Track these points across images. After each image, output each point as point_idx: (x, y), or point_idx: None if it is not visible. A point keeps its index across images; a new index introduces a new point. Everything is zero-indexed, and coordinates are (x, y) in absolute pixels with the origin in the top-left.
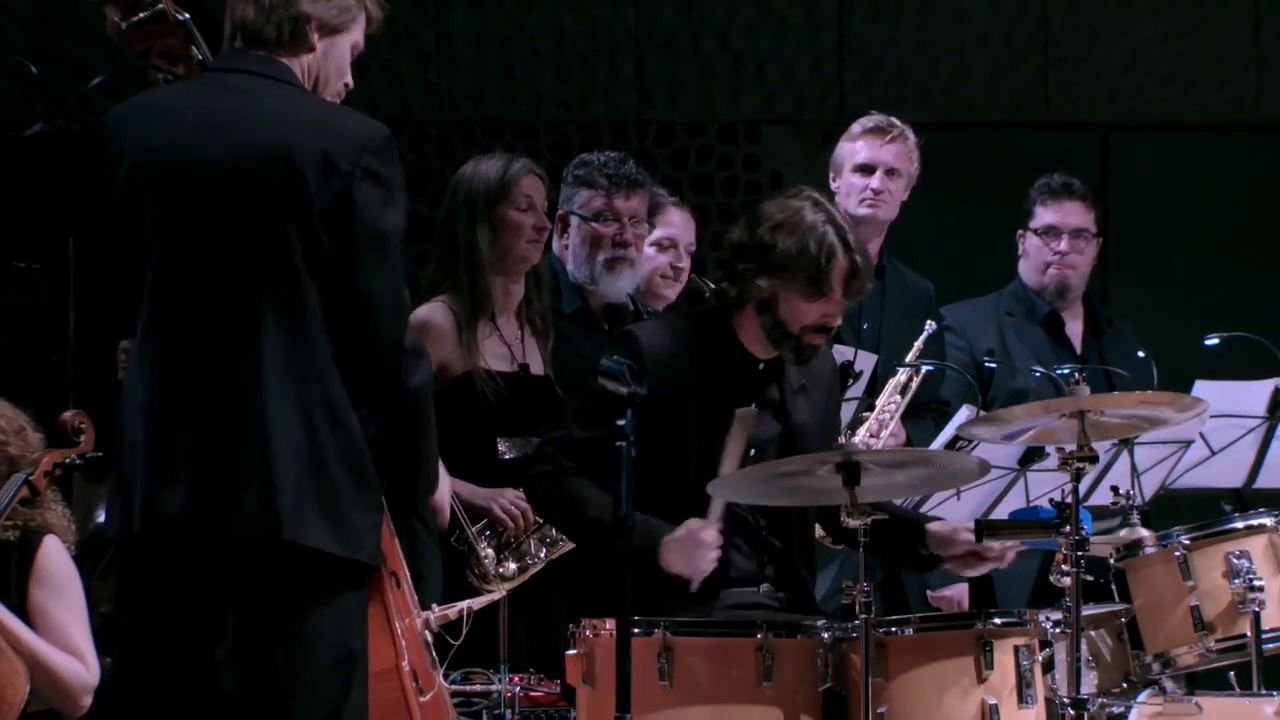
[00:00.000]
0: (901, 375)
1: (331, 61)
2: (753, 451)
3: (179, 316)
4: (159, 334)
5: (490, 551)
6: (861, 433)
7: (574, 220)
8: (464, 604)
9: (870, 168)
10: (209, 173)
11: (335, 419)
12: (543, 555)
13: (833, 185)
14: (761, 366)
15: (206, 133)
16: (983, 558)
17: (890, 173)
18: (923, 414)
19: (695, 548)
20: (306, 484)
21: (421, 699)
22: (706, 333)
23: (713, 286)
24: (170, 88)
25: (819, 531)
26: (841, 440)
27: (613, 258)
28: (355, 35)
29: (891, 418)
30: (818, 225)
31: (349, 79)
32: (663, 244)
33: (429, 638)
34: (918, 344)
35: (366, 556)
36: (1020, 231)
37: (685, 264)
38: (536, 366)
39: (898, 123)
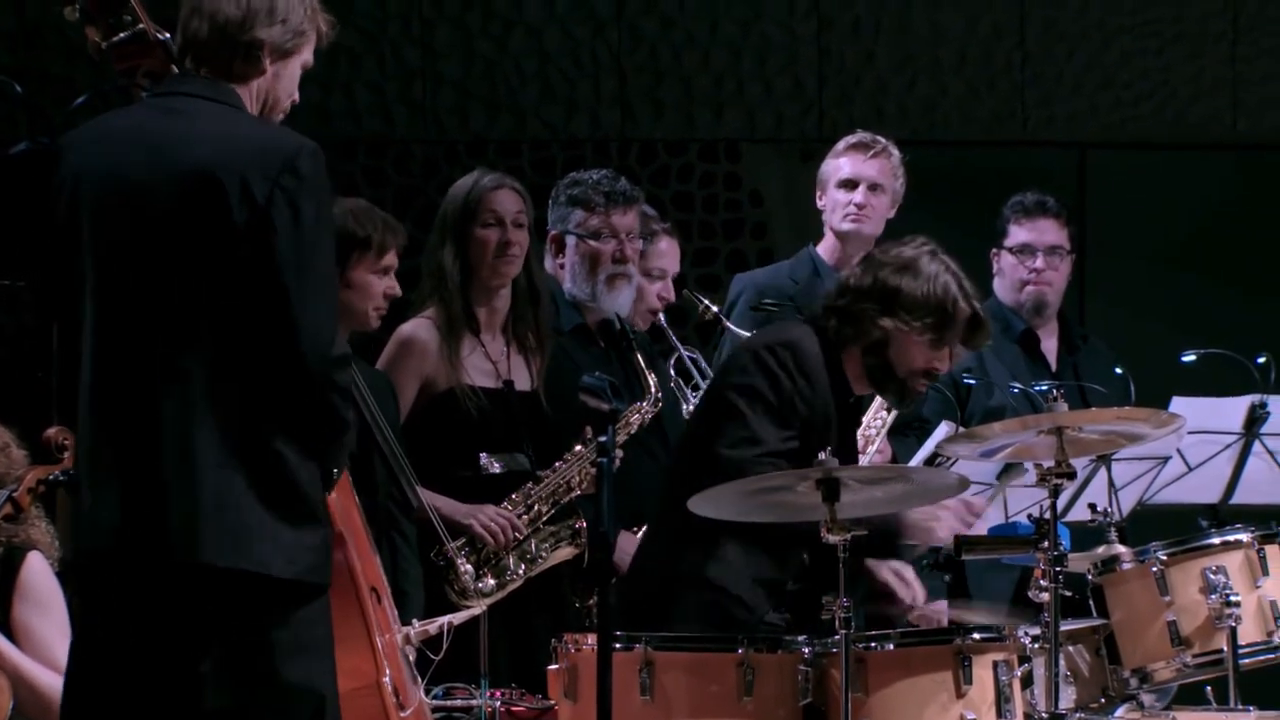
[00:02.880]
0: None
1: (282, 84)
2: None
3: (109, 339)
4: (95, 355)
5: (469, 567)
6: None
7: (570, 239)
8: (444, 619)
9: (854, 183)
10: (137, 194)
11: (260, 438)
12: (522, 572)
13: (819, 202)
14: (852, 400)
15: (139, 154)
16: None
17: (874, 188)
18: (905, 432)
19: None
20: (230, 505)
21: (402, 714)
22: (829, 357)
23: (706, 304)
24: (121, 111)
25: None
26: (823, 457)
27: (613, 274)
28: (306, 55)
29: (878, 434)
30: (940, 273)
31: (296, 96)
32: (654, 274)
33: (410, 653)
34: None
35: (295, 573)
36: (995, 250)
37: (671, 295)
38: (522, 383)
39: (882, 139)
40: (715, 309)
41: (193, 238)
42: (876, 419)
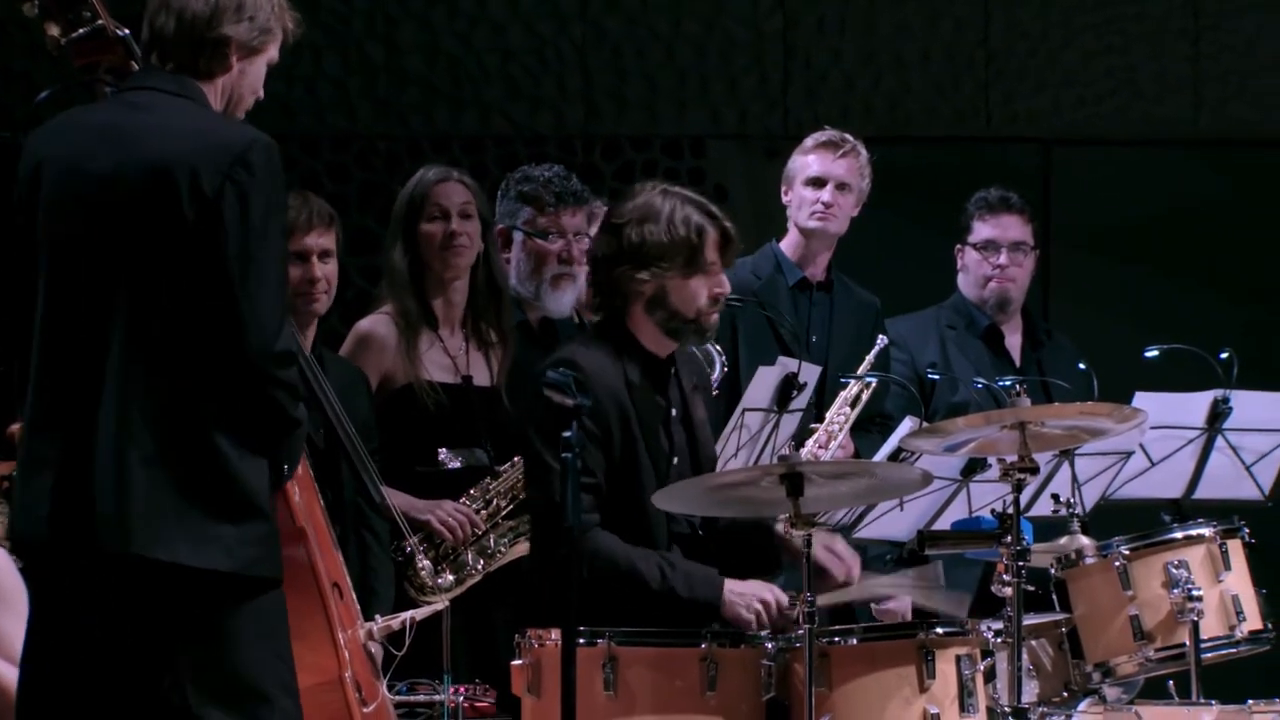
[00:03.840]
0: (852, 388)
1: (247, 80)
2: (675, 460)
3: (56, 330)
4: (42, 344)
5: (428, 563)
6: (810, 444)
7: (517, 236)
8: (407, 615)
9: (821, 181)
10: (91, 186)
11: (200, 433)
12: (480, 567)
13: (785, 199)
14: (672, 370)
15: (97, 147)
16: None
17: (841, 187)
18: (868, 427)
19: (770, 613)
20: (163, 497)
21: (365, 709)
22: (616, 343)
23: None
24: (89, 106)
25: None
26: (786, 451)
27: (558, 274)
28: (272, 53)
29: (840, 430)
30: (677, 207)
31: (261, 93)
32: None
33: (374, 649)
34: (869, 358)
35: (233, 566)
36: (959, 246)
37: None
38: (481, 378)
39: (850, 138)
40: None
41: (143, 231)
42: (840, 414)
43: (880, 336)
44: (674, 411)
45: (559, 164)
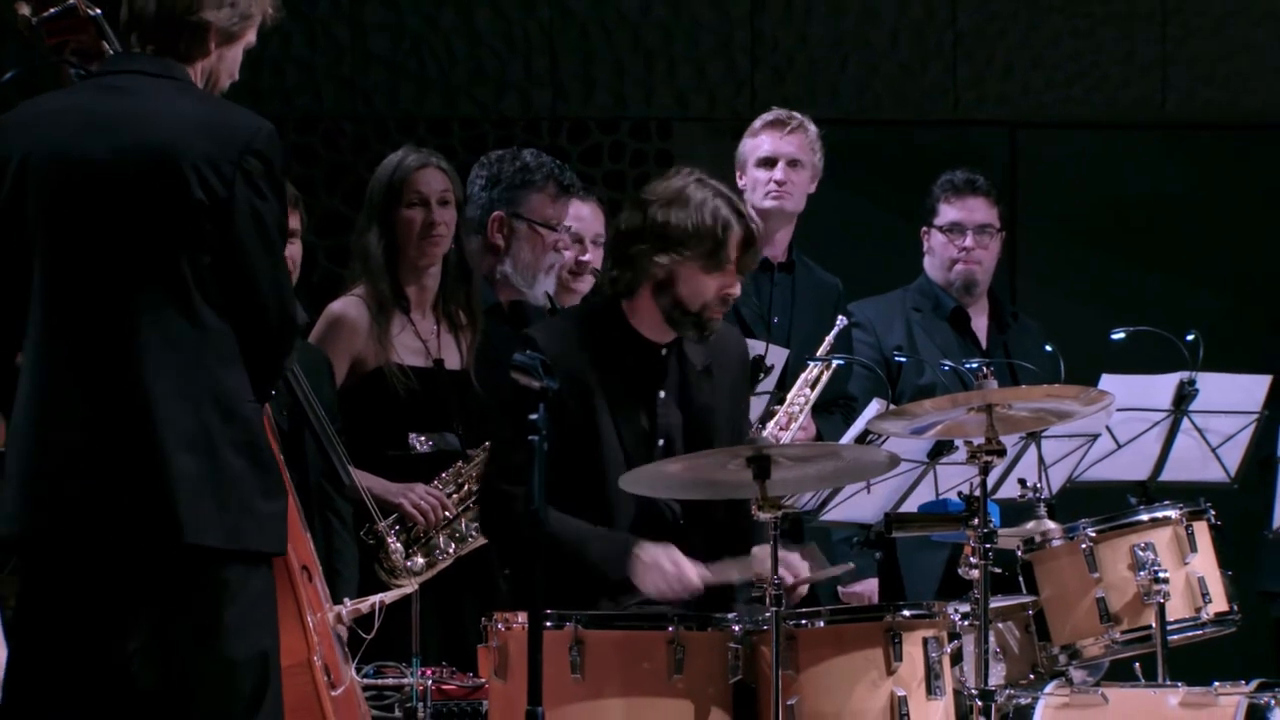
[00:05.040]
0: (812, 370)
1: (225, 65)
2: (661, 441)
3: (65, 318)
4: (47, 338)
5: (399, 546)
6: (770, 426)
7: (520, 224)
8: (376, 598)
9: (772, 160)
10: (91, 173)
11: (229, 409)
12: (452, 551)
13: (740, 182)
14: (664, 352)
15: (90, 134)
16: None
17: (793, 164)
18: (831, 409)
19: (672, 583)
20: (203, 479)
21: (333, 693)
22: (602, 325)
23: None
24: (58, 93)
25: None
26: (751, 434)
27: (552, 263)
28: (250, 38)
29: (801, 411)
30: (708, 199)
31: (236, 76)
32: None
33: (342, 632)
34: (829, 339)
35: (273, 546)
36: (925, 229)
37: (590, 257)
38: (452, 361)
39: (798, 115)
40: None
41: (153, 217)
42: (800, 395)
43: (840, 317)
44: (663, 394)
45: (527, 147)
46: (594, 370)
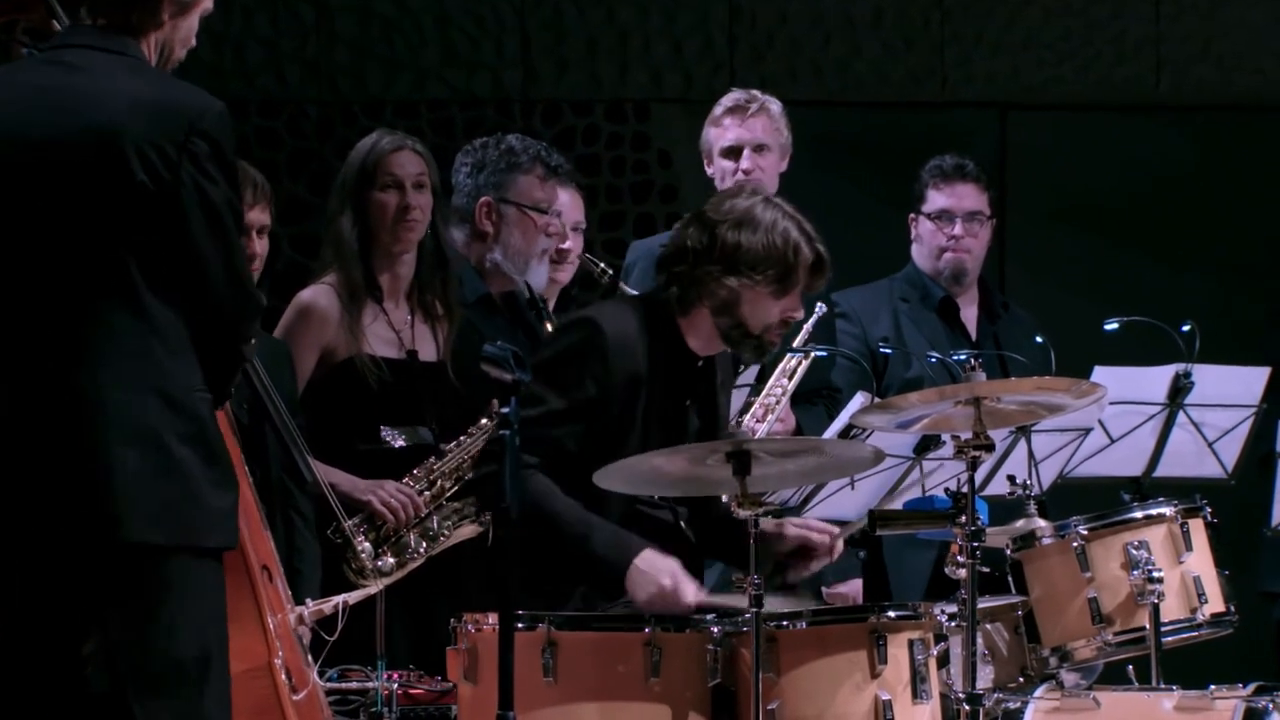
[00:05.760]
0: (790, 360)
1: (179, 35)
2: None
3: (5, 306)
4: None
5: (368, 545)
6: (746, 419)
7: (510, 210)
8: (339, 598)
9: (737, 149)
10: (31, 154)
11: (175, 400)
12: (423, 550)
13: (708, 171)
14: (699, 364)
15: (33, 113)
16: (810, 551)
17: (759, 149)
18: (814, 400)
19: (666, 599)
20: (147, 473)
21: (295, 697)
22: (654, 325)
23: (603, 267)
24: (6, 68)
25: None
26: (730, 428)
27: (546, 249)
28: (207, 3)
29: (778, 402)
30: (778, 220)
31: (192, 42)
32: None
33: (304, 634)
34: (807, 327)
35: (222, 540)
36: (912, 216)
37: (570, 245)
38: (426, 353)
39: (758, 94)
40: (611, 272)
41: (94, 202)
42: (777, 386)
43: (818, 305)
44: (688, 403)
45: (497, 130)
46: (648, 369)
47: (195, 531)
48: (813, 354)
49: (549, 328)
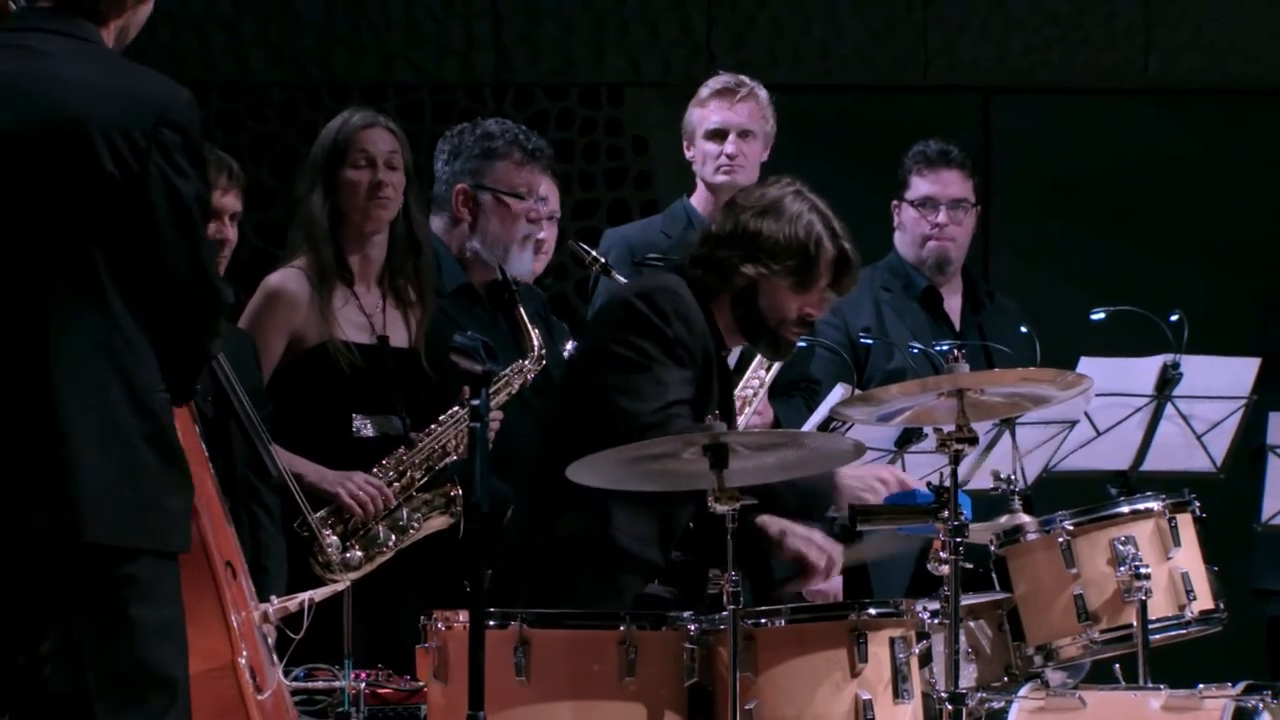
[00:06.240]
0: None
1: (137, 19)
2: None
3: None
4: None
5: (335, 539)
6: None
7: (486, 196)
8: (305, 595)
9: (722, 133)
10: (2, 141)
11: (140, 402)
12: (392, 543)
13: (687, 154)
14: (725, 354)
15: (1, 100)
16: (807, 569)
17: (744, 134)
18: (791, 392)
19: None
20: (113, 475)
21: (259, 697)
22: (702, 306)
23: (594, 255)
24: None
25: None
26: (707, 420)
27: (527, 235)
28: None
29: (755, 395)
30: (803, 213)
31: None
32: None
33: (269, 632)
34: None
35: (180, 544)
36: (895, 203)
37: (545, 234)
38: (398, 338)
39: (746, 80)
40: (603, 259)
41: (60, 193)
42: (754, 378)
43: None
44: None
45: (467, 115)
46: (713, 351)
47: (158, 534)
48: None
49: (523, 313)
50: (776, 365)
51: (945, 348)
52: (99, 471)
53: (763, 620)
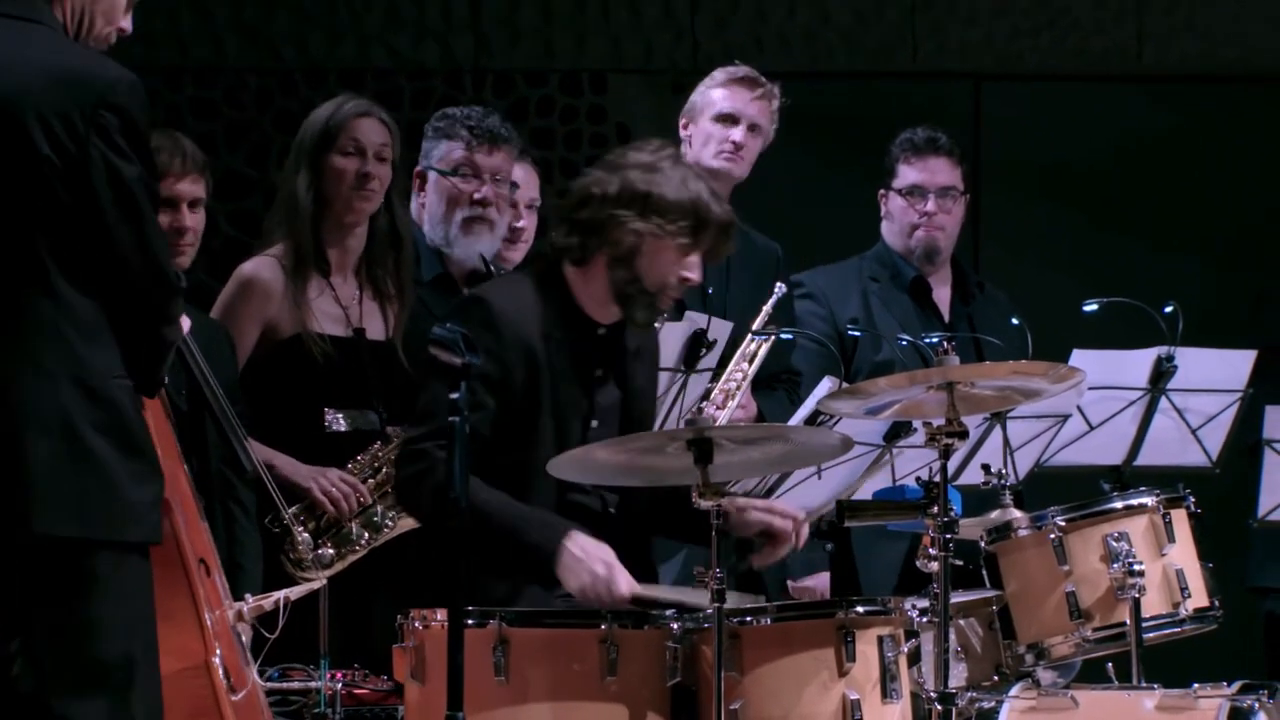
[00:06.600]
0: (750, 343)
1: (101, 6)
2: (595, 423)
3: None
4: None
5: (307, 535)
6: (706, 406)
7: (432, 176)
8: (281, 594)
9: (734, 119)
10: None
11: (92, 388)
12: (365, 540)
13: (684, 132)
14: (601, 332)
15: None
16: (776, 537)
17: (753, 128)
18: (774, 385)
19: (599, 587)
20: (61, 464)
21: (233, 697)
22: (548, 294)
23: None
24: None
25: None
26: (691, 414)
27: (471, 216)
28: None
29: (738, 387)
30: (688, 177)
31: (124, 24)
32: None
33: (244, 631)
34: (766, 308)
35: (145, 535)
36: (882, 192)
37: (525, 223)
38: (375, 331)
39: (766, 80)
40: None
41: (2, 172)
42: (737, 371)
43: (778, 284)
44: (599, 372)
45: (448, 100)
46: (542, 340)
47: (113, 525)
48: (774, 337)
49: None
50: (760, 358)
51: (935, 340)
52: (48, 461)
53: (748, 618)
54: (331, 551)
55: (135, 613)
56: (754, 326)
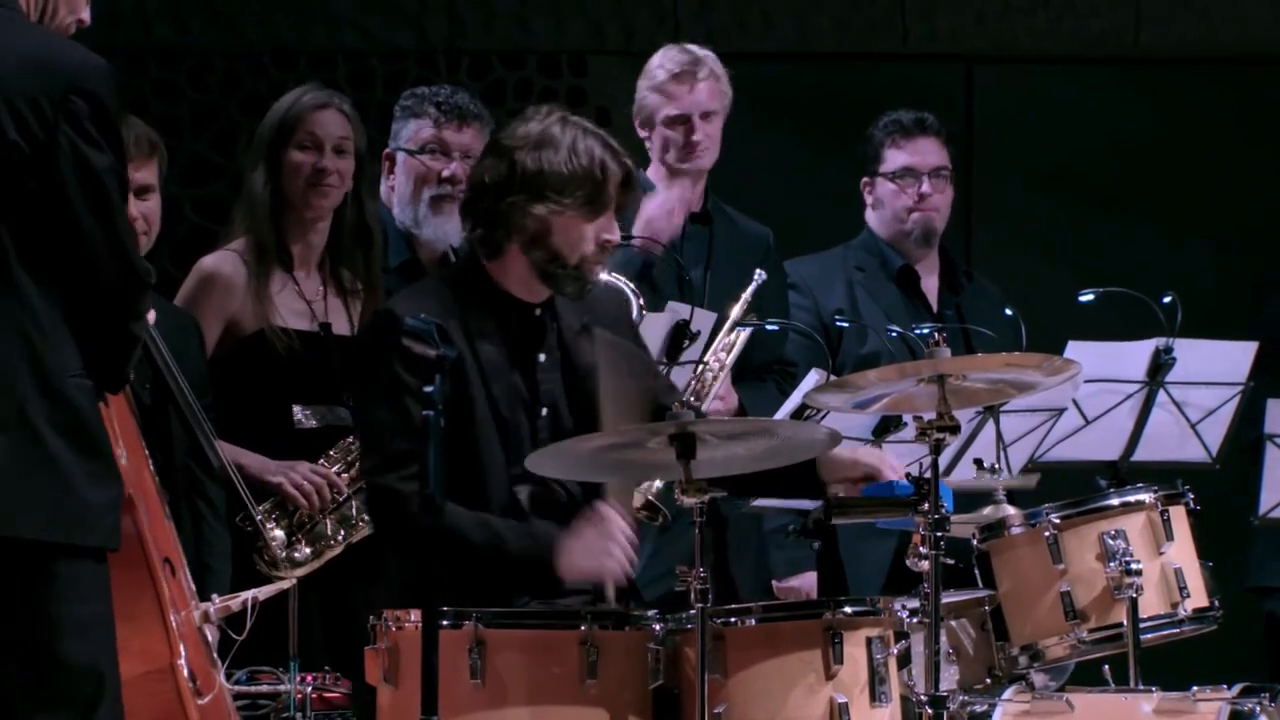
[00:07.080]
0: (727, 334)
1: None
2: (544, 410)
3: None
4: None
5: (280, 534)
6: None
7: (400, 156)
8: (248, 594)
9: (684, 118)
10: None
11: (49, 386)
12: (340, 538)
13: (642, 134)
14: (538, 312)
15: None
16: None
17: (706, 115)
18: (763, 376)
19: (605, 543)
20: (17, 465)
21: (200, 701)
22: (468, 288)
23: None
24: None
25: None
26: (675, 407)
27: (439, 195)
28: None
29: (716, 379)
30: (579, 139)
31: (83, 15)
32: None
33: (210, 633)
34: (745, 296)
35: (102, 539)
36: (865, 180)
37: None
38: (340, 326)
39: (700, 54)
40: None
41: None
42: (715, 361)
43: (758, 272)
44: (542, 357)
45: (422, 83)
46: (463, 338)
47: (69, 528)
48: (753, 328)
49: None
50: (739, 346)
51: (925, 331)
52: (2, 460)
53: (732, 619)
54: (308, 550)
55: (93, 616)
56: (732, 315)
